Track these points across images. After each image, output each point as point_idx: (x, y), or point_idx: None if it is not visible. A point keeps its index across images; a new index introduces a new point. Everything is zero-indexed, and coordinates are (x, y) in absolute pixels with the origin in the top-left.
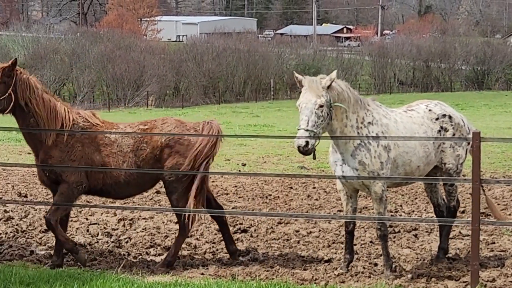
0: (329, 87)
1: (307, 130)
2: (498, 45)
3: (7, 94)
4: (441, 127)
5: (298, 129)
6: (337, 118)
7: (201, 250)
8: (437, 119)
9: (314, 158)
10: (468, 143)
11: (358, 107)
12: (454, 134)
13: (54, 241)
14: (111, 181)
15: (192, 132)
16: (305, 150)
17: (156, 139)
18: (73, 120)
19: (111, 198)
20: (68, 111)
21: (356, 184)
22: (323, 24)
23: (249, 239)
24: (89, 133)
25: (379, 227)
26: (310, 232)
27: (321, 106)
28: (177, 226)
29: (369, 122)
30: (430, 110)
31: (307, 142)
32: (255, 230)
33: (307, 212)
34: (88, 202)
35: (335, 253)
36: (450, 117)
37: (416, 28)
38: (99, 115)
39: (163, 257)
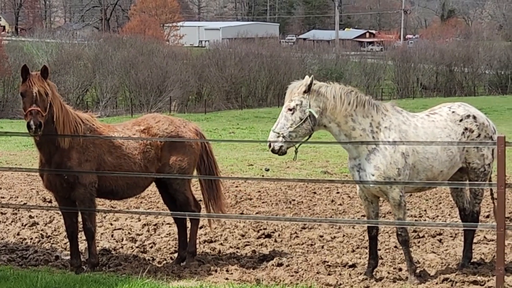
0: (305, 92)
1: (274, 132)
2: None
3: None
4: (466, 128)
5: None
6: (337, 121)
7: (225, 255)
8: (461, 120)
9: (294, 159)
10: (494, 143)
11: (372, 111)
12: (479, 135)
13: (86, 247)
14: (123, 182)
15: (183, 129)
16: (271, 150)
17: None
18: (82, 122)
19: (117, 199)
20: (76, 114)
21: (374, 190)
22: (346, 29)
23: (273, 244)
24: (110, 138)
25: (399, 232)
26: (334, 237)
27: (289, 110)
28: (201, 231)
29: (386, 127)
30: (453, 112)
31: (270, 143)
32: (279, 235)
33: (331, 217)
34: (112, 207)
35: (360, 258)
36: (474, 117)
37: (439, 32)
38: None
39: (183, 263)
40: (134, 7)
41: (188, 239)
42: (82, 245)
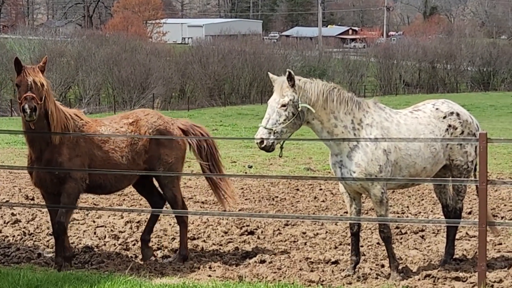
0: (292, 86)
1: (265, 128)
2: (504, 46)
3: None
4: (449, 125)
5: (259, 126)
6: (321, 118)
7: (208, 252)
8: (444, 117)
9: (280, 156)
10: (477, 140)
11: (354, 108)
12: (463, 132)
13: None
14: (112, 175)
15: (171, 125)
16: (262, 147)
17: (144, 131)
18: (71, 118)
19: (105, 193)
20: (65, 110)
21: (355, 187)
22: (329, 26)
23: (256, 241)
24: (111, 135)
25: (382, 229)
26: (317, 233)
27: (283, 105)
28: None
29: (367, 124)
30: (437, 109)
31: (262, 140)
32: (262, 232)
33: (313, 213)
34: (95, 204)
35: (342, 255)
36: (458, 114)
37: (422, 29)
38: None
39: (170, 259)
40: (117, 4)
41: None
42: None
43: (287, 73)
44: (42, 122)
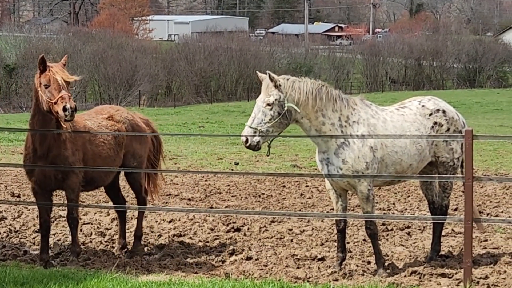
0: (277, 86)
1: (250, 127)
2: (489, 43)
3: None
4: (435, 122)
5: (245, 125)
6: (309, 117)
7: (194, 249)
8: (430, 114)
9: (268, 155)
10: (462, 137)
11: (341, 106)
12: (449, 129)
13: (41, 239)
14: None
15: (137, 118)
16: (247, 146)
17: (120, 126)
18: None
19: (92, 188)
20: None
21: (342, 183)
22: (315, 23)
23: (242, 238)
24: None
25: (368, 226)
26: (303, 230)
27: (268, 105)
28: (170, 225)
29: (354, 121)
30: (423, 106)
31: (247, 139)
32: (248, 229)
33: (300, 210)
34: (81, 201)
35: (329, 252)
36: (444, 111)
37: (408, 26)
38: None
39: (156, 256)
40: (103, 1)
41: (135, 226)
42: (51, 240)
43: (267, 75)
44: (53, 119)
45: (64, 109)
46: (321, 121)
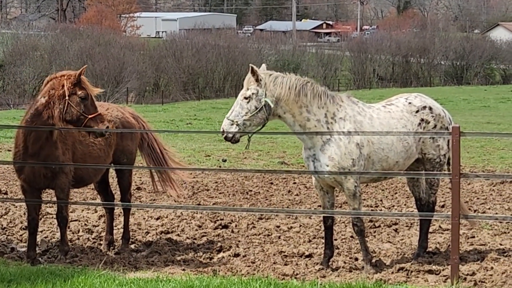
0: (257, 80)
1: (228, 119)
2: (477, 40)
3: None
4: (422, 119)
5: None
6: (292, 112)
7: (182, 246)
8: (417, 111)
9: (246, 148)
10: (449, 133)
11: (327, 102)
12: (435, 126)
13: (28, 237)
14: (91, 168)
15: (127, 114)
16: (224, 137)
17: (112, 125)
18: None
19: (81, 186)
20: None
21: (328, 180)
22: (303, 20)
23: (230, 235)
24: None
25: (355, 222)
26: (291, 227)
27: (245, 98)
28: (157, 222)
29: (340, 118)
30: (410, 103)
31: (223, 130)
32: (236, 226)
33: (287, 207)
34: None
35: (316, 248)
36: (430, 108)
37: (396, 23)
38: None
39: (144, 253)
40: None
41: (122, 227)
42: (38, 237)
43: (263, 66)
44: (47, 120)
45: (102, 134)
46: (305, 117)
